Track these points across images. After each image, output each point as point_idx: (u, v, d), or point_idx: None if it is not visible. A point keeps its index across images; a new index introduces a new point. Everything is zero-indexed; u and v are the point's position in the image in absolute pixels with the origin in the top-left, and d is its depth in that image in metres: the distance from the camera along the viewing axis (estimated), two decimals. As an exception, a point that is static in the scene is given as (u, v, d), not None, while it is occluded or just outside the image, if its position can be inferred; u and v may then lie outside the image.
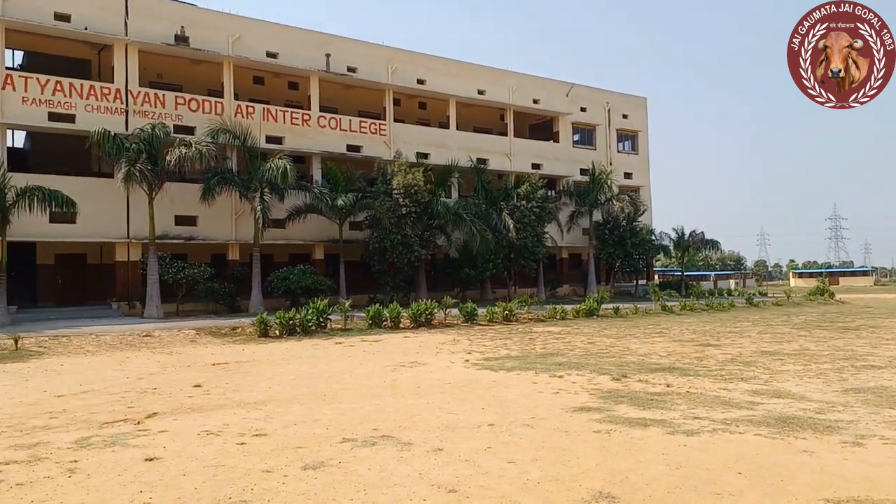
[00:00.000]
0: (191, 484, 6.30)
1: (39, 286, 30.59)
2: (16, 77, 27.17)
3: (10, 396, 11.65)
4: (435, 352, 17.60)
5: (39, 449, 7.68)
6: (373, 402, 10.71)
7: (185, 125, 30.09)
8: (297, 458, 7.21)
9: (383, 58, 36.91)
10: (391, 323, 24.12)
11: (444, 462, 7.08)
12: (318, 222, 32.32)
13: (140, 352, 18.55)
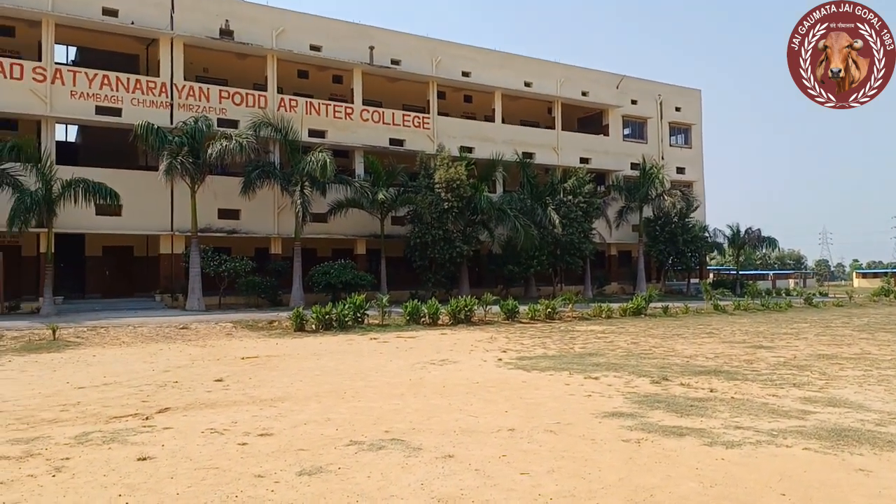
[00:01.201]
0: (175, 488, 5.87)
1: (88, 278, 31.14)
2: (65, 71, 27.61)
3: (31, 387, 11.53)
4: (469, 350, 17.01)
5: (36, 444, 7.39)
6: (392, 401, 10.19)
7: (229, 119, 30.18)
8: (295, 462, 6.73)
9: (427, 50, 36.42)
10: (429, 319, 23.62)
11: (450, 471, 6.50)
12: (360, 217, 32.06)
13: (174, 344, 18.47)
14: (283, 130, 29.27)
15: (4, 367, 14.08)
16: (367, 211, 31.52)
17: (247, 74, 32.97)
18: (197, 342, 18.85)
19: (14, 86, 26.22)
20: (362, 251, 33.63)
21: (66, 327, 19.89)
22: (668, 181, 42.54)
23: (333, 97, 35.27)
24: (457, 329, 22.60)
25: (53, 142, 27.38)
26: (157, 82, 29.28)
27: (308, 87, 35.36)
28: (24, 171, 24.25)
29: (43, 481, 6.00)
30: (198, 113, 28.70)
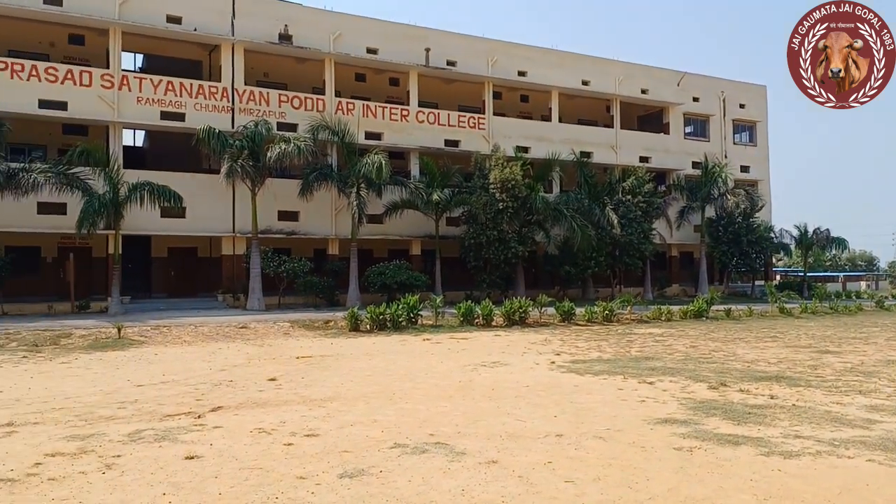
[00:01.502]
0: (218, 488, 5.95)
1: (154, 278, 32.17)
2: (131, 78, 28.58)
3: (94, 384, 11.93)
4: (522, 352, 16.84)
5: (91, 441, 7.62)
6: (440, 403, 10.14)
7: (288, 122, 30.70)
8: (338, 464, 6.74)
9: (483, 50, 36.31)
10: (483, 321, 23.50)
11: (493, 477, 6.39)
12: (415, 218, 32.18)
13: (233, 343, 18.86)
14: (340, 133, 29.62)
15: (71, 365, 14.63)
16: (421, 212, 31.61)
17: (305, 78, 33.51)
18: (255, 341, 19.21)
19: (84, 93, 27.29)
20: (417, 252, 33.76)
21: (130, 326, 20.55)
22: (732, 180, 41.28)
23: (390, 99, 35.52)
24: (511, 331, 22.43)
25: (121, 146, 28.37)
26: (219, 87, 30.03)
27: (365, 89, 35.71)
28: (93, 175, 25.19)
29: (93, 478, 6.16)
30: (258, 117, 29.31)
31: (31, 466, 6.52)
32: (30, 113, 26.37)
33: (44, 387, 11.64)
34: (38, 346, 17.48)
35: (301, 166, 29.14)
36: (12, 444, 7.47)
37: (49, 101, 26.69)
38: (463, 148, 34.78)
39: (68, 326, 20.39)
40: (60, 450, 7.20)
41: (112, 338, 18.83)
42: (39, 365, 14.58)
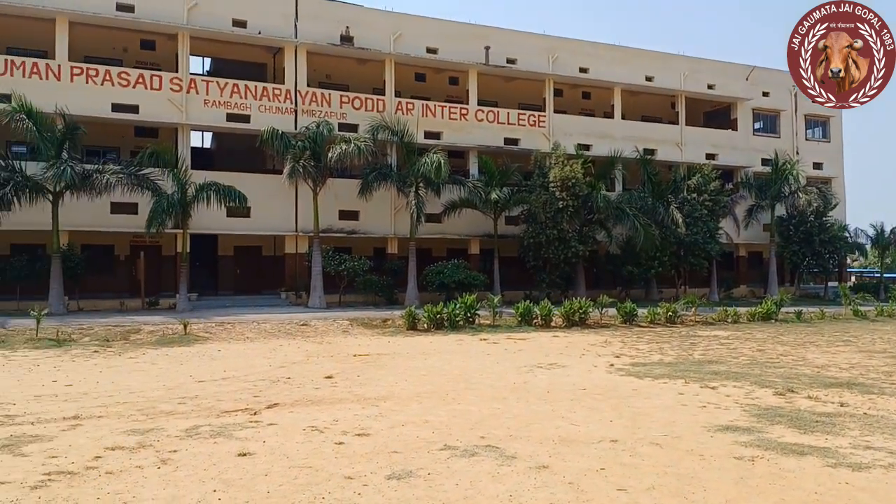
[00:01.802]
0: (266, 486, 6.00)
1: (221, 276, 33.02)
2: (198, 81, 29.41)
3: (157, 380, 12.30)
4: (580, 354, 16.56)
5: (149, 436, 7.82)
6: (493, 405, 10.04)
7: (349, 123, 31.05)
8: (386, 465, 6.73)
9: (544, 47, 35.93)
10: (541, 321, 23.25)
11: (543, 483, 6.26)
12: (474, 217, 32.09)
13: (294, 340, 19.18)
14: (399, 133, 29.79)
15: (138, 360, 15.13)
16: (480, 211, 31.50)
17: (366, 79, 33.83)
18: (315, 339, 19.49)
19: (154, 96, 28.23)
20: (476, 251, 33.67)
21: (196, 323, 21.14)
22: (804, 177, 39.69)
23: (450, 99, 35.51)
24: (570, 332, 22.11)
25: (188, 148, 29.23)
26: (283, 89, 30.60)
27: (425, 89, 35.81)
28: (163, 176, 26.02)
29: (148, 473, 6.31)
30: (320, 118, 29.73)
31: (91, 459, 6.73)
32: (103, 116, 27.41)
33: (111, 381, 12.06)
34: (108, 341, 18.16)
35: (361, 166, 29.43)
36: (76, 437, 7.73)
37: (121, 105, 27.70)
38: (522, 146, 34.50)
39: (138, 322, 21.13)
40: (120, 444, 7.41)
41: (178, 334, 19.40)
42: (109, 359, 15.14)
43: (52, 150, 24.31)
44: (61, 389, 11.06)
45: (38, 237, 25.68)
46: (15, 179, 23.62)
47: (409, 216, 29.49)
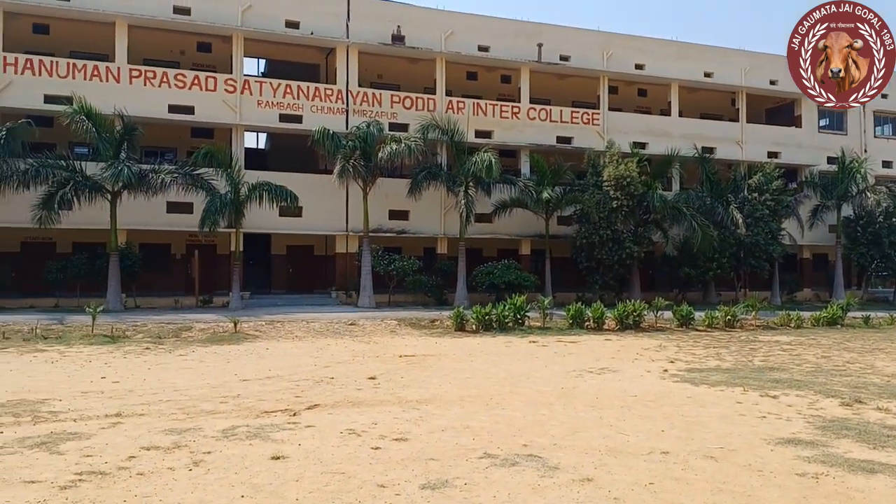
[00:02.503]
0: (296, 493, 5.79)
1: (273, 274, 33.39)
2: (252, 82, 29.76)
3: (202, 378, 12.31)
4: (632, 358, 16.00)
5: (186, 436, 7.73)
6: (539, 411, 9.66)
7: (400, 122, 30.97)
8: (422, 473, 6.44)
9: (598, 44, 35.18)
10: (593, 323, 22.67)
11: (586, 498, 5.88)
12: (525, 217, 31.60)
13: (341, 340, 19.11)
14: (449, 132, 29.54)
15: (187, 357, 15.25)
16: (531, 211, 31.00)
17: (417, 78, 33.71)
18: (362, 338, 19.39)
19: (209, 97, 28.67)
20: (527, 251, 33.18)
21: (247, 321, 21.30)
22: (872, 176, 37.91)
23: (501, 97, 35.11)
24: (623, 335, 21.49)
25: (242, 148, 29.59)
26: (334, 90, 30.72)
27: (476, 87, 35.50)
28: (217, 176, 26.38)
29: (178, 475, 6.18)
30: (371, 118, 29.72)
31: (125, 460, 6.65)
32: (160, 117, 27.96)
33: (157, 378, 12.13)
34: (161, 338, 18.40)
35: (411, 166, 29.31)
36: (114, 435, 7.70)
37: (177, 106, 28.21)
38: (576, 145, 33.85)
39: (190, 320, 21.40)
40: (156, 443, 7.33)
41: (228, 332, 19.55)
42: (159, 357, 15.30)
43: (110, 151, 24.90)
44: (108, 386, 11.15)
45: (98, 236, 26.32)
46: (75, 179, 24.26)
47: (459, 216, 29.21)
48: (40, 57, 26.84)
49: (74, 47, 29.15)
